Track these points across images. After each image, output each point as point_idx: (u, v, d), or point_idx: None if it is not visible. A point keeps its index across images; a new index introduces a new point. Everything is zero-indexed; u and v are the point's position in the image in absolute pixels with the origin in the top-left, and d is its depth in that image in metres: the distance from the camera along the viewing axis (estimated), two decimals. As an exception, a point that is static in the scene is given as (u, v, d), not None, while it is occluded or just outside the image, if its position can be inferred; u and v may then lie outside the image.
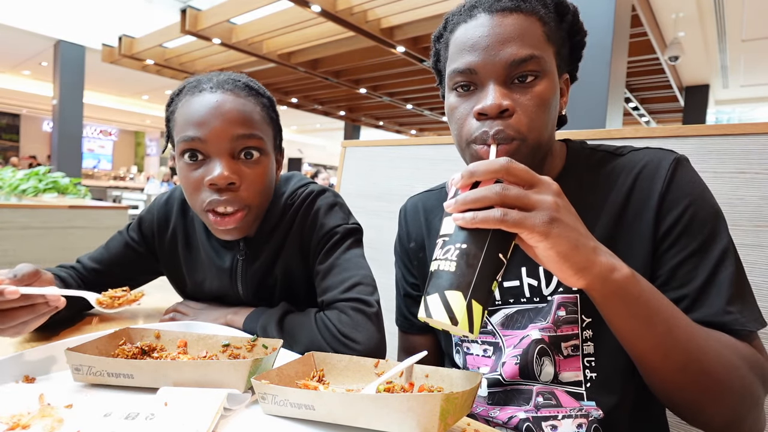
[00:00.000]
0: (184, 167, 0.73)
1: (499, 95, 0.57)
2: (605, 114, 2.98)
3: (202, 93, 0.72)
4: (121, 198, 8.48)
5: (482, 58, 0.57)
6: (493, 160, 0.43)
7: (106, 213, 2.82)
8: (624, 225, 0.60)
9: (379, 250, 1.33)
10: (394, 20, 5.45)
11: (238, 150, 0.71)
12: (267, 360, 0.56)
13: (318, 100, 11.14)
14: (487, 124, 0.58)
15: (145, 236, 0.92)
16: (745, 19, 5.48)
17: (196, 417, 0.45)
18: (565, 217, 0.43)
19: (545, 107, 0.58)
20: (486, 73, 0.58)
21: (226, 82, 0.74)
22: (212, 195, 0.70)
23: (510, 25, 0.57)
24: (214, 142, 0.70)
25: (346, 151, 1.59)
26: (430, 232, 0.78)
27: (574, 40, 0.64)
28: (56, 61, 8.55)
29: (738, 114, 10.77)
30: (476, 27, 0.58)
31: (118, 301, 0.68)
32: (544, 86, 0.58)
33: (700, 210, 0.56)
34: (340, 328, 0.70)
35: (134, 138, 18.74)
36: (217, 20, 5.73)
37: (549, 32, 0.59)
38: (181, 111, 0.73)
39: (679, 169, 0.58)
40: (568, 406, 0.62)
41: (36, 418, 0.45)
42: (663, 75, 7.37)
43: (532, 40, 0.57)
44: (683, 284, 0.55)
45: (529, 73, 0.57)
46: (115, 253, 0.91)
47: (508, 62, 0.56)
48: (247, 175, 0.72)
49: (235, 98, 0.72)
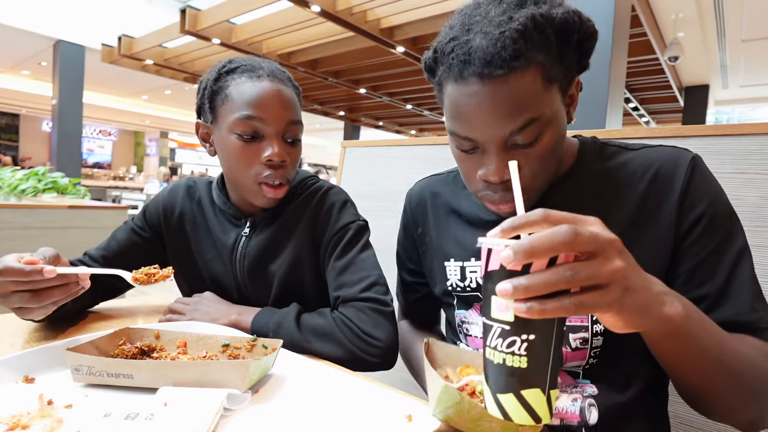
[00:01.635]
0: (235, 142, 0.80)
1: (501, 163, 0.56)
2: (605, 114, 2.98)
3: (261, 79, 0.80)
4: (120, 198, 8.48)
5: (479, 129, 0.55)
6: (555, 232, 0.35)
7: (105, 213, 2.82)
8: (642, 222, 0.59)
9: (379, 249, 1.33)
10: (394, 20, 5.45)
11: (287, 134, 0.82)
12: (267, 360, 0.56)
13: (318, 100, 11.14)
14: (491, 188, 0.59)
15: (151, 222, 0.96)
16: (745, 19, 5.48)
17: (196, 417, 0.45)
18: (635, 280, 0.38)
19: (550, 155, 0.58)
20: (485, 141, 0.56)
21: (277, 71, 0.84)
22: (267, 170, 0.80)
23: (505, 94, 0.52)
24: (274, 123, 0.79)
25: (346, 151, 1.59)
26: (437, 217, 0.79)
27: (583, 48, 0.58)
28: (56, 61, 8.54)
29: (738, 114, 10.77)
30: (469, 95, 0.54)
31: (154, 278, 0.70)
32: (547, 138, 0.56)
33: (719, 209, 0.57)
34: (362, 327, 0.74)
35: (134, 138, 18.73)
36: (217, 20, 5.73)
37: (549, 74, 0.54)
38: (238, 90, 0.80)
39: (698, 168, 0.58)
40: (565, 383, 0.63)
41: (36, 418, 0.45)
42: (663, 75, 7.37)
43: (530, 100, 0.53)
44: (704, 282, 0.56)
45: (531, 139, 0.55)
46: (121, 241, 0.93)
47: (506, 134, 0.54)
48: (291, 154, 0.83)
49: (287, 87, 0.83)
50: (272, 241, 0.87)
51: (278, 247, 0.87)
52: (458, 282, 0.72)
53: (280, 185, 0.82)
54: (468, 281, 0.71)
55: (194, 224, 0.93)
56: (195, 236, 0.93)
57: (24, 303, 0.60)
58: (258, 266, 0.87)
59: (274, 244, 0.86)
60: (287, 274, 0.86)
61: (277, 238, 0.87)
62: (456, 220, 0.75)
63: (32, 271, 0.58)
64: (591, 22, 0.58)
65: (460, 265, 0.72)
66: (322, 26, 5.78)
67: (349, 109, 12.14)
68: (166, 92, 12.44)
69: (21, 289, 0.60)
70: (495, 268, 0.37)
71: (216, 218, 0.91)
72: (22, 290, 0.60)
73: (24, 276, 0.58)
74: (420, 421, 0.48)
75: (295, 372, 0.62)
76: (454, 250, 0.74)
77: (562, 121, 0.58)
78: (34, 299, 0.60)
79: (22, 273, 0.58)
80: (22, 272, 0.58)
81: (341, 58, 7.23)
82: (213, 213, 0.92)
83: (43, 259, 0.62)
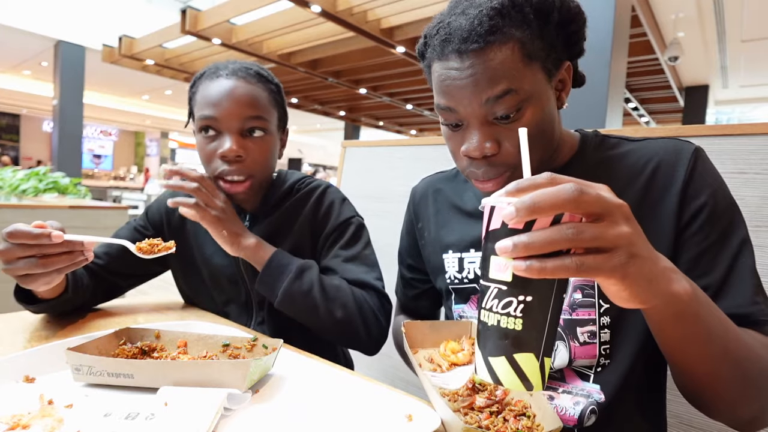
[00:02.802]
0: (201, 140, 0.84)
1: (482, 138, 0.57)
2: (605, 114, 2.98)
3: (219, 78, 0.83)
4: (121, 198, 8.49)
5: (458, 100, 0.57)
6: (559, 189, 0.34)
7: (105, 213, 2.82)
8: (644, 212, 0.59)
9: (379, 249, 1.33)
10: (394, 20, 5.45)
11: (245, 128, 0.82)
12: (267, 360, 0.56)
13: (318, 100, 11.14)
14: (474, 164, 0.60)
15: (153, 222, 0.98)
16: (745, 19, 5.48)
17: (196, 417, 0.45)
18: (641, 248, 0.36)
19: (538, 134, 0.58)
20: (465, 113, 0.57)
21: (240, 69, 0.84)
22: (223, 165, 0.82)
23: (481, 66, 0.54)
24: (226, 120, 0.81)
25: (346, 151, 1.59)
26: (438, 212, 0.80)
27: (569, 29, 0.60)
28: (56, 61, 8.54)
29: (738, 114, 10.76)
30: (449, 70, 0.57)
31: (157, 248, 0.71)
32: (530, 113, 0.57)
33: (721, 200, 0.57)
34: (373, 307, 0.82)
35: (134, 138, 18.73)
36: (217, 20, 5.73)
37: (529, 51, 0.55)
38: (200, 92, 0.84)
39: (700, 159, 0.59)
40: (571, 383, 0.63)
41: (36, 418, 0.45)
42: (663, 75, 7.37)
43: (507, 72, 0.54)
44: (705, 273, 0.56)
45: (510, 111, 0.55)
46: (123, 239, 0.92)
47: (482, 102, 0.55)
48: (252, 149, 0.83)
49: (246, 84, 0.83)
50: (274, 235, 0.88)
51: (280, 240, 0.88)
52: (456, 274, 0.73)
53: (238, 182, 0.83)
54: (466, 272, 0.71)
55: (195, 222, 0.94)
56: (195, 232, 0.94)
57: (30, 269, 0.61)
58: None
59: (276, 238, 0.88)
60: None
61: (279, 232, 0.89)
62: (457, 213, 0.76)
63: (41, 234, 0.59)
64: (575, 3, 0.60)
65: (459, 256, 0.72)
66: (323, 26, 5.78)
67: (349, 109, 12.14)
68: (167, 92, 12.44)
69: (28, 254, 0.60)
70: (496, 226, 0.36)
71: None
72: (28, 255, 0.60)
73: (32, 239, 0.59)
74: (420, 421, 0.48)
75: (295, 372, 0.62)
76: (453, 241, 0.74)
77: (548, 102, 0.59)
78: (39, 265, 0.61)
79: (30, 236, 0.59)
80: (30, 235, 0.59)
81: (341, 58, 7.23)
82: None
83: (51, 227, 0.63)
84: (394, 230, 0.91)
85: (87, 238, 0.65)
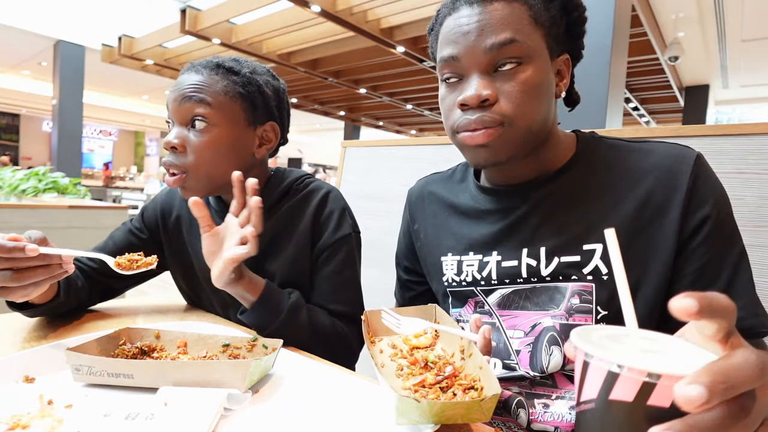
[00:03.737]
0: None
1: (480, 85, 0.57)
2: (605, 114, 2.98)
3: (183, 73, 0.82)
4: (120, 198, 8.49)
5: (463, 47, 0.58)
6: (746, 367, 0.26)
7: (105, 213, 2.82)
8: (646, 218, 0.59)
9: (379, 249, 1.33)
10: (393, 20, 5.45)
11: (186, 119, 0.79)
12: (267, 360, 0.56)
13: (318, 100, 11.13)
14: (469, 113, 0.59)
15: (148, 224, 0.96)
16: (745, 19, 5.48)
17: (196, 417, 0.45)
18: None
19: (533, 92, 0.58)
20: (468, 62, 0.58)
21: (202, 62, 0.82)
22: (168, 156, 0.81)
23: (489, 12, 0.57)
24: (173, 110, 0.81)
25: (346, 151, 1.59)
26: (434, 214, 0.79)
27: (571, 17, 0.62)
28: (56, 61, 8.54)
29: (738, 114, 10.76)
30: (458, 18, 0.59)
31: (136, 264, 0.69)
32: (531, 71, 0.57)
33: (723, 209, 0.57)
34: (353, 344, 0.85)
35: (134, 138, 18.73)
36: (217, 20, 5.73)
37: (535, 15, 0.58)
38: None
39: (702, 167, 0.58)
40: (563, 388, 0.63)
41: (36, 418, 0.45)
42: (663, 75, 7.37)
43: (513, 25, 0.57)
44: (710, 284, 0.56)
45: (512, 59, 0.57)
46: (118, 242, 0.93)
47: (486, 48, 0.57)
48: (191, 141, 0.79)
49: (195, 75, 0.80)
50: (271, 241, 0.86)
51: (278, 247, 0.86)
52: (454, 276, 0.72)
53: (172, 174, 0.79)
54: (464, 275, 0.71)
55: (190, 225, 0.93)
56: (191, 237, 0.92)
57: (4, 281, 0.58)
58: (257, 265, 0.85)
59: (273, 244, 0.86)
60: (288, 275, 0.85)
61: (276, 238, 0.86)
62: (453, 214, 0.75)
63: (14, 247, 0.57)
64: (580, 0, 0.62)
65: (458, 259, 0.72)
66: (322, 26, 5.78)
67: (349, 109, 12.13)
68: (167, 92, 12.36)
69: (2, 267, 0.58)
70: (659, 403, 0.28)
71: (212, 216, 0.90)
72: (3, 268, 0.58)
73: (5, 252, 0.57)
74: (420, 421, 0.48)
75: (295, 372, 0.62)
76: (451, 244, 0.73)
77: (547, 75, 0.60)
78: (14, 278, 0.58)
79: (3, 249, 0.57)
80: (3, 248, 0.57)
81: (341, 58, 7.22)
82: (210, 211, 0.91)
83: (28, 239, 0.61)
84: (393, 230, 0.91)
85: (65, 252, 0.62)
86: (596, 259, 0.60)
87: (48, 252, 0.60)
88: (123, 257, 0.69)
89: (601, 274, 0.59)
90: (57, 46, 8.43)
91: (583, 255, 0.60)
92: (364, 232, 0.96)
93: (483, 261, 0.68)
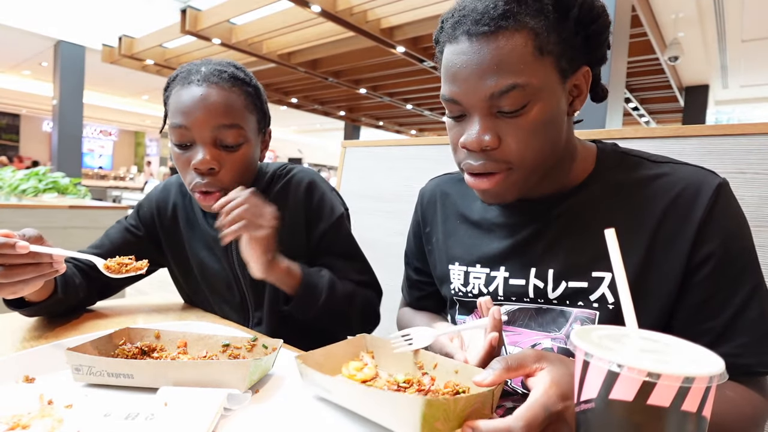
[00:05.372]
0: (174, 150, 0.81)
1: (482, 130, 0.55)
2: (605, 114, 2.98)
3: (190, 85, 0.79)
4: (120, 198, 8.49)
5: (462, 90, 0.55)
6: None
7: (105, 213, 2.81)
8: (658, 245, 0.57)
9: (379, 249, 1.33)
10: (394, 20, 5.45)
11: (219, 138, 0.78)
12: (267, 360, 0.56)
13: (318, 100, 11.13)
14: (472, 156, 0.58)
15: (144, 221, 0.96)
16: (745, 19, 5.48)
17: (196, 417, 0.45)
18: None
19: (540, 131, 0.55)
20: (469, 105, 0.56)
21: (213, 74, 0.80)
22: (196, 177, 0.79)
23: (489, 53, 0.52)
24: (198, 130, 0.77)
25: (346, 151, 1.59)
26: (446, 219, 0.77)
27: (589, 29, 0.57)
28: (56, 61, 8.54)
29: (738, 114, 10.76)
30: (457, 54, 0.55)
31: (125, 267, 0.68)
32: (536, 110, 0.54)
33: (736, 244, 0.55)
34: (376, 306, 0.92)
35: (134, 138, 18.73)
36: (217, 20, 5.73)
37: (541, 44, 0.53)
38: (172, 99, 0.81)
39: (720, 198, 0.55)
40: None
41: (36, 418, 0.45)
42: (663, 75, 7.37)
43: (515, 65, 0.52)
44: (709, 318, 0.54)
45: (515, 107, 0.53)
46: (114, 240, 0.93)
47: (487, 96, 0.53)
48: (227, 160, 0.79)
49: (219, 90, 0.79)
50: None
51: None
52: (461, 286, 0.71)
53: (210, 193, 0.79)
54: (471, 287, 0.70)
55: (187, 220, 0.94)
56: (188, 232, 0.93)
57: None
58: None
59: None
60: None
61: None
62: (464, 223, 0.74)
63: (4, 244, 0.57)
64: (600, 2, 0.57)
65: (464, 270, 0.71)
66: (322, 26, 5.78)
67: (349, 109, 12.13)
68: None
69: None
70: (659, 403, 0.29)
71: (205, 217, 0.92)
72: None
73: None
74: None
75: (295, 372, 0.62)
76: (459, 254, 0.72)
77: (558, 103, 0.56)
78: (3, 274, 0.59)
79: None
80: None
81: (341, 58, 7.22)
82: (202, 212, 0.92)
83: (22, 236, 0.61)
84: (393, 230, 0.91)
85: (56, 251, 0.62)
86: (604, 287, 0.58)
87: (39, 250, 0.60)
88: (113, 260, 0.69)
89: (607, 303, 0.58)
90: (57, 46, 8.42)
91: (591, 282, 0.59)
92: (364, 232, 0.96)
93: (490, 276, 0.67)
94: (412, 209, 0.86)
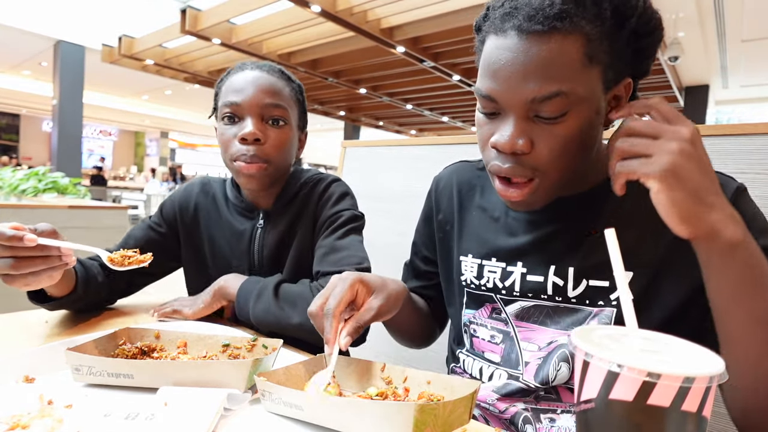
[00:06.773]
0: (222, 127, 0.88)
1: (516, 132, 0.53)
2: (605, 114, 2.97)
3: (245, 70, 0.89)
4: (120, 198, 8.48)
5: (503, 89, 0.52)
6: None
7: (105, 213, 2.81)
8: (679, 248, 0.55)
9: (379, 249, 1.33)
10: (394, 20, 5.45)
11: (266, 115, 0.87)
12: (267, 360, 0.56)
13: (318, 100, 11.13)
14: (501, 158, 0.56)
15: (167, 218, 1.00)
16: (745, 19, 5.48)
17: (196, 417, 0.45)
18: (686, 165, 0.44)
19: (573, 141, 0.53)
20: (506, 104, 0.53)
21: (265, 65, 0.91)
22: (242, 148, 0.85)
23: (537, 55, 0.50)
24: (248, 105, 0.85)
25: (346, 151, 1.59)
26: (461, 207, 0.76)
27: (643, 43, 0.54)
28: (56, 61, 8.54)
29: (738, 114, 10.76)
30: (503, 49, 0.52)
31: (128, 260, 0.70)
32: (574, 120, 0.52)
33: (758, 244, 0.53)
34: None
35: (134, 138, 18.73)
36: (217, 20, 5.73)
37: (592, 51, 0.50)
38: (226, 84, 0.89)
39: (739, 202, 0.55)
40: (567, 402, 0.62)
41: (36, 418, 0.45)
42: (663, 75, 7.36)
43: (563, 71, 0.50)
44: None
45: (555, 114, 0.51)
46: (138, 238, 0.96)
47: (528, 99, 0.51)
48: (272, 134, 0.87)
49: (269, 75, 0.88)
50: (287, 232, 0.92)
51: (291, 237, 0.92)
52: (474, 279, 0.70)
53: (254, 162, 0.85)
54: (485, 280, 0.68)
55: (209, 217, 0.97)
56: (209, 229, 0.97)
57: (5, 269, 0.61)
58: (278, 256, 0.92)
59: (288, 235, 0.92)
60: (297, 264, 0.91)
61: (290, 229, 0.92)
62: (481, 214, 0.72)
63: (13, 236, 0.59)
64: (658, 15, 0.54)
65: (478, 263, 0.70)
66: (323, 26, 5.78)
67: (349, 109, 12.14)
68: (167, 92, 12.43)
69: (3, 255, 0.60)
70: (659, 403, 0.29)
71: (230, 212, 0.96)
72: (4, 255, 0.60)
73: (5, 240, 0.59)
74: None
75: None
76: (473, 246, 0.71)
77: (597, 114, 0.54)
78: (13, 266, 0.60)
79: (3, 237, 0.59)
80: (3, 236, 0.59)
81: (341, 58, 7.22)
82: (227, 207, 0.96)
83: (34, 230, 0.62)
84: (393, 230, 0.91)
85: (64, 244, 0.63)
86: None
87: (47, 243, 0.62)
88: (116, 253, 0.71)
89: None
90: (57, 46, 8.43)
91: (613, 281, 0.58)
92: (364, 231, 0.96)
93: (506, 270, 0.67)
94: (412, 209, 0.86)
